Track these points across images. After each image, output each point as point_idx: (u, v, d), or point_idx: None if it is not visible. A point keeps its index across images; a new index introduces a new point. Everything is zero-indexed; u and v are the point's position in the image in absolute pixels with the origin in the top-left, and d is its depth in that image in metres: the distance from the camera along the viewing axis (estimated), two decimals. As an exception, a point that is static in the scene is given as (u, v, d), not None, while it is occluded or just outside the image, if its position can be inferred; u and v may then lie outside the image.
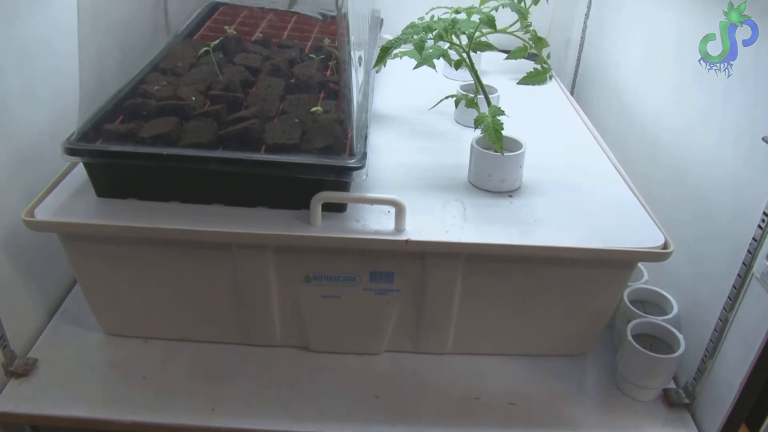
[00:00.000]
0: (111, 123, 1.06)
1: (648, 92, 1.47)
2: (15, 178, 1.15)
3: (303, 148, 1.01)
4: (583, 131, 1.41)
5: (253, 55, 1.28)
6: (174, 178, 1.04)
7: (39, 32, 1.20)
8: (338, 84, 1.14)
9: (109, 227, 1.01)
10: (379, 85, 1.52)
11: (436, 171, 1.19)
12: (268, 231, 1.00)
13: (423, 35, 1.09)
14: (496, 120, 1.07)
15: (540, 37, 1.56)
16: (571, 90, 1.91)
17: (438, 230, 1.02)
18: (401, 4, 1.73)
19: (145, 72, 1.22)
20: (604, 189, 1.18)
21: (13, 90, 1.13)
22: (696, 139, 1.24)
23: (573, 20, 1.91)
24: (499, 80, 1.54)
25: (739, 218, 1.07)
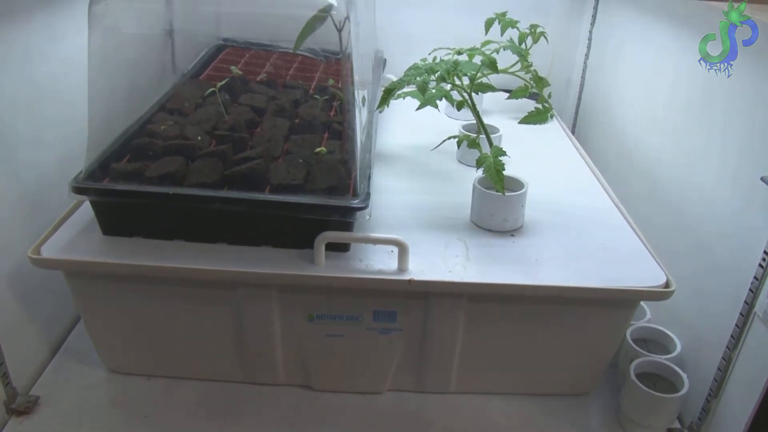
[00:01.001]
0: (118, 162, 1.08)
1: (648, 130, 1.49)
2: (22, 215, 1.16)
3: (307, 189, 1.02)
4: (584, 170, 1.42)
5: (258, 95, 1.30)
6: (179, 217, 1.05)
7: (50, 72, 1.22)
8: (342, 124, 1.16)
9: (115, 265, 1.02)
10: (382, 124, 1.54)
11: (439, 210, 1.20)
12: (272, 270, 1.01)
13: (426, 77, 1.11)
14: (498, 161, 1.08)
15: (541, 77, 1.59)
16: (572, 129, 1.93)
17: (441, 270, 1.03)
18: (404, 45, 1.76)
19: (152, 111, 1.23)
20: (606, 228, 1.19)
21: (22, 128, 1.15)
22: (695, 177, 1.25)
23: (573, 60, 1.93)
24: (500, 119, 1.57)
25: (740, 256, 1.08)
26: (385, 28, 1.81)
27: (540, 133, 1.57)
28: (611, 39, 1.74)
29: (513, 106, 1.64)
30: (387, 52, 1.78)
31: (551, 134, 1.60)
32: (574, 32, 1.91)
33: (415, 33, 1.82)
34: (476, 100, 1.26)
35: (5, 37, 1.10)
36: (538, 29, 1.57)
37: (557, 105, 1.81)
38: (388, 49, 1.80)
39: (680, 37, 1.35)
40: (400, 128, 1.55)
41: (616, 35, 1.71)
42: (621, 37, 1.68)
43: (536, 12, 1.65)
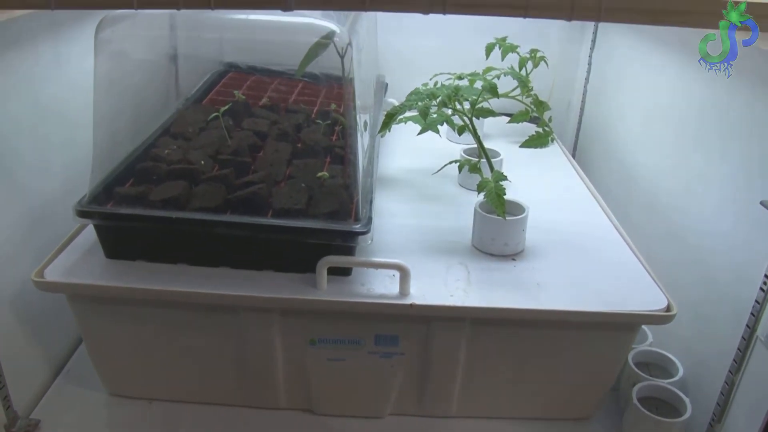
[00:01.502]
0: (122, 186, 1.08)
1: (648, 154, 1.50)
2: (26, 237, 1.17)
3: (309, 213, 1.03)
4: (584, 193, 1.43)
5: (261, 120, 1.31)
6: (182, 241, 1.06)
7: (55, 96, 1.23)
8: (344, 149, 1.17)
9: (118, 289, 1.03)
10: (384, 148, 1.55)
11: (440, 234, 1.20)
12: (274, 294, 1.01)
13: (427, 102, 1.12)
14: (499, 185, 1.09)
15: (541, 101, 1.60)
16: (573, 152, 1.94)
17: (442, 294, 1.03)
18: (405, 69, 1.78)
19: (155, 135, 1.25)
20: (607, 251, 1.19)
21: (27, 152, 1.16)
22: (695, 200, 1.26)
23: (574, 84, 1.95)
24: (501, 143, 1.58)
25: (741, 279, 1.08)
26: (386, 53, 1.83)
27: (541, 156, 1.58)
28: (611, 63, 1.76)
29: (514, 129, 1.65)
30: (389, 76, 1.80)
31: (552, 158, 1.61)
32: (574, 56, 1.92)
33: (417, 57, 1.84)
34: (477, 125, 1.27)
35: (13, 63, 1.11)
36: (538, 54, 1.58)
37: (558, 129, 1.82)
38: (390, 73, 1.81)
39: (679, 62, 1.36)
40: (401, 152, 1.56)
41: (616, 60, 1.72)
42: (620, 62, 1.70)
43: (536, 36, 1.66)
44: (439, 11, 0.76)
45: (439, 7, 0.76)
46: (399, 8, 0.78)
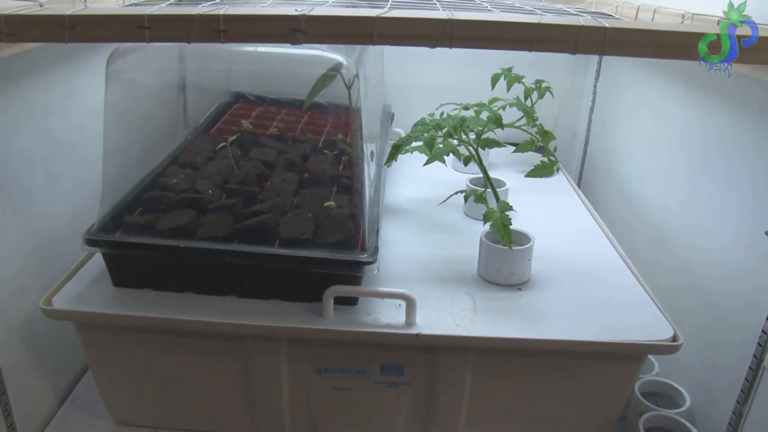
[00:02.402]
0: (130, 215, 1.10)
1: (653, 183, 1.51)
2: (35, 265, 1.18)
3: (316, 243, 1.03)
4: (590, 223, 1.43)
5: (268, 149, 1.32)
6: (189, 269, 1.06)
7: (66, 126, 1.25)
8: (351, 179, 1.18)
9: (125, 317, 1.03)
10: (390, 177, 1.56)
11: (446, 264, 1.21)
12: (281, 324, 1.01)
13: (433, 133, 1.14)
14: (505, 215, 1.10)
15: (546, 130, 1.61)
16: (578, 181, 1.94)
17: (448, 324, 1.03)
18: (412, 99, 1.79)
19: (164, 165, 1.26)
20: (613, 281, 1.19)
21: (38, 180, 1.18)
22: (701, 230, 1.26)
23: (578, 114, 1.96)
24: (507, 173, 1.58)
25: (747, 309, 1.08)
26: (393, 83, 1.85)
27: (546, 186, 1.58)
28: (615, 93, 1.77)
29: (519, 159, 1.65)
30: (395, 106, 1.81)
31: (557, 187, 1.62)
32: (578, 86, 1.94)
33: (423, 87, 1.86)
34: (483, 155, 1.28)
35: (26, 93, 1.13)
36: (543, 84, 1.60)
37: (563, 158, 1.83)
38: (396, 103, 1.83)
39: (684, 93, 1.37)
40: (407, 181, 1.57)
41: (620, 89, 1.74)
42: (625, 92, 1.71)
43: (541, 67, 1.67)
44: (445, 45, 0.78)
45: (445, 41, 0.77)
46: (406, 42, 0.79)
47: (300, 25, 0.76)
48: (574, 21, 0.81)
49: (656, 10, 1.29)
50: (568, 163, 1.96)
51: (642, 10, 1.35)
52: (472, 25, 0.78)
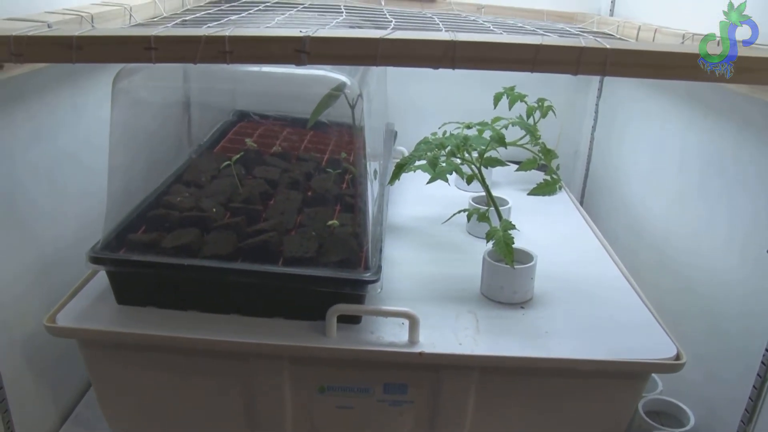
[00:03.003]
0: (134, 233, 1.10)
1: (655, 202, 1.51)
2: (39, 282, 1.18)
3: (320, 261, 1.04)
4: (593, 241, 1.44)
5: (272, 168, 1.33)
6: (193, 287, 1.07)
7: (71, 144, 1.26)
8: (354, 198, 1.18)
9: (128, 335, 1.03)
10: (393, 196, 1.56)
11: (449, 282, 1.21)
12: (284, 342, 1.02)
13: (436, 152, 1.14)
14: (507, 234, 1.10)
15: (549, 149, 1.62)
16: (581, 200, 1.95)
17: (451, 343, 1.03)
18: (415, 117, 1.81)
19: (168, 183, 1.27)
20: (615, 299, 1.19)
21: (43, 198, 1.19)
22: (703, 249, 1.27)
23: (581, 132, 1.97)
24: (510, 191, 1.59)
25: (750, 327, 1.08)
26: (396, 101, 1.86)
27: (549, 204, 1.59)
28: (617, 112, 1.78)
29: (522, 177, 1.66)
30: (398, 124, 1.82)
31: (560, 205, 1.62)
32: (581, 105, 1.95)
33: (426, 106, 1.87)
34: (485, 173, 1.29)
35: (33, 112, 1.14)
36: (545, 103, 1.61)
37: (565, 176, 1.83)
38: (400, 121, 1.84)
39: (685, 112, 1.38)
40: (410, 200, 1.57)
41: (622, 108, 1.75)
42: (627, 110, 1.72)
43: (543, 85, 1.68)
44: (448, 66, 0.79)
45: (448, 62, 0.78)
46: (409, 63, 0.80)
47: (304, 47, 0.77)
48: (575, 42, 0.82)
49: (657, 30, 1.30)
50: (570, 182, 1.97)
51: (643, 30, 1.37)
52: (475, 46, 0.79)
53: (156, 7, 1.35)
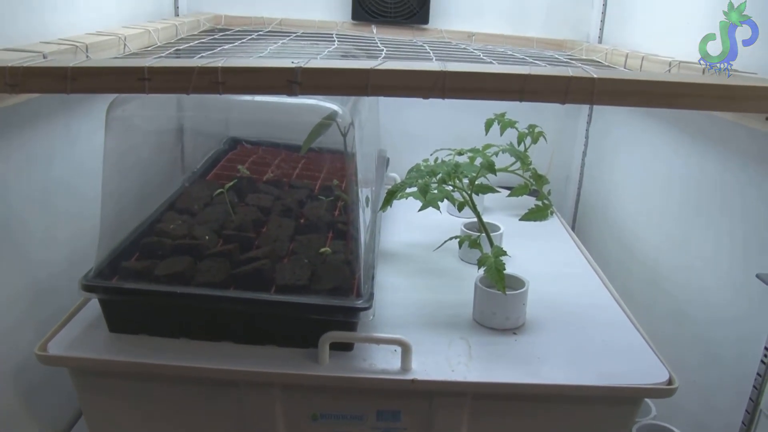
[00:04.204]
0: (127, 260, 1.10)
1: (645, 226, 1.52)
2: (31, 310, 1.18)
3: (312, 289, 1.04)
4: (584, 266, 1.44)
5: (265, 195, 1.34)
6: (186, 315, 1.07)
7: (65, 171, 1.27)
8: (346, 225, 1.19)
9: (120, 363, 1.03)
10: (385, 222, 1.57)
11: (441, 309, 1.21)
12: (276, 370, 1.01)
13: (427, 179, 1.15)
14: (499, 261, 1.11)
15: (540, 174, 1.63)
16: (572, 225, 1.96)
17: (444, 369, 1.03)
18: (407, 144, 1.82)
19: (161, 210, 1.27)
20: (607, 324, 1.20)
21: (36, 226, 1.19)
22: (694, 273, 1.27)
23: (572, 157, 1.99)
24: (501, 216, 1.60)
25: (742, 351, 1.09)
26: (388, 128, 1.87)
27: (541, 229, 1.60)
28: (607, 136, 1.80)
29: (514, 203, 1.67)
30: (390, 150, 1.84)
31: (552, 231, 1.63)
32: (571, 130, 1.97)
33: (418, 132, 1.89)
34: (477, 200, 1.30)
35: (27, 139, 1.15)
36: (536, 129, 1.63)
37: (557, 201, 1.85)
38: (391, 147, 1.85)
39: (675, 137, 1.40)
40: (402, 226, 1.58)
41: (613, 133, 1.77)
42: (616, 135, 1.74)
43: (534, 110, 1.70)
44: (438, 96, 0.80)
45: (438, 92, 0.79)
46: (400, 94, 0.81)
47: (296, 77, 0.78)
48: (563, 72, 0.83)
49: (644, 58, 1.32)
50: (562, 206, 1.98)
51: (631, 58, 1.39)
52: (464, 76, 0.80)
53: (150, 36, 1.36)
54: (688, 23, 1.31)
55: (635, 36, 1.61)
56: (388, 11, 1.81)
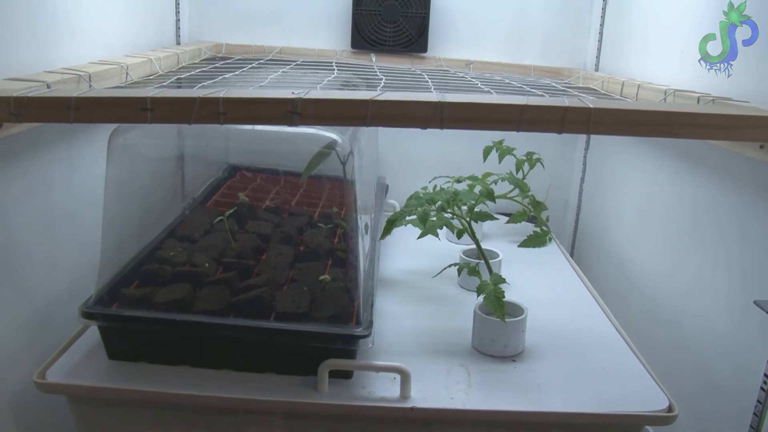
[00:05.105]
0: (127, 287, 1.11)
1: (644, 252, 1.53)
2: (31, 336, 1.18)
3: (311, 317, 1.04)
4: (583, 292, 1.45)
5: (264, 222, 1.34)
6: (185, 343, 1.07)
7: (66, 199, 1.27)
8: (346, 252, 1.19)
9: (119, 391, 1.03)
10: (384, 249, 1.57)
11: (441, 336, 1.21)
12: (276, 398, 1.01)
13: (426, 207, 1.16)
14: (498, 288, 1.11)
15: (538, 201, 1.64)
16: (571, 251, 1.96)
17: (443, 397, 1.03)
18: (405, 171, 1.83)
19: (161, 238, 1.28)
20: (606, 351, 1.20)
21: (36, 252, 1.19)
22: (692, 299, 1.28)
23: (570, 183, 1.99)
24: (500, 243, 1.61)
25: (741, 377, 1.09)
26: (387, 155, 1.89)
27: (539, 256, 1.60)
28: (605, 163, 1.81)
29: (512, 229, 1.68)
30: (389, 177, 1.85)
31: (550, 257, 1.64)
32: (569, 156, 1.98)
33: (417, 159, 1.90)
34: (476, 226, 1.31)
35: (29, 168, 1.15)
36: (534, 156, 1.64)
37: (556, 227, 1.85)
38: (391, 175, 1.86)
39: (672, 164, 1.41)
40: (402, 253, 1.58)
41: (610, 159, 1.78)
42: (614, 161, 1.75)
43: (532, 137, 1.70)
44: (436, 126, 0.81)
45: (436, 122, 0.80)
46: (399, 124, 0.82)
47: (296, 108, 0.79)
48: (559, 102, 0.84)
49: (640, 86, 1.34)
50: (560, 232, 1.99)
51: (627, 86, 1.40)
52: (462, 107, 0.81)
53: (152, 65, 1.38)
54: (683, 52, 1.32)
55: (631, 63, 1.63)
56: (387, 40, 1.83)
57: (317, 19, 1.88)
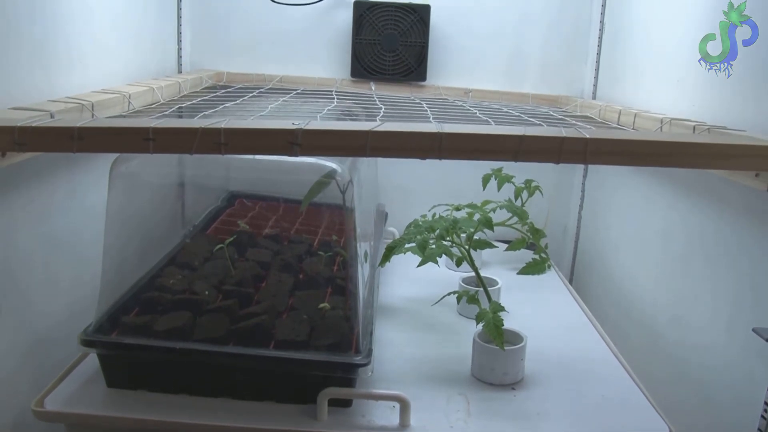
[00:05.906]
0: (127, 315, 1.11)
1: (642, 279, 1.53)
2: (30, 364, 1.18)
3: (311, 345, 1.05)
4: (582, 320, 1.45)
5: (264, 250, 1.35)
6: (184, 371, 1.07)
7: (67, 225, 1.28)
8: (345, 280, 1.20)
9: (118, 419, 1.03)
10: (384, 277, 1.58)
11: (440, 364, 1.21)
12: (275, 426, 1.01)
13: (425, 235, 1.17)
14: (497, 316, 1.11)
15: (537, 228, 1.64)
16: (570, 277, 1.97)
17: (442, 426, 1.03)
18: (405, 199, 1.84)
19: (161, 265, 1.28)
20: (606, 379, 1.20)
21: (37, 279, 1.20)
22: (691, 326, 1.28)
23: (568, 211, 2.00)
24: (499, 270, 1.61)
25: (742, 406, 1.09)
26: (386, 183, 1.90)
27: (538, 283, 1.60)
28: (603, 191, 1.82)
29: (511, 256, 1.68)
30: (389, 205, 1.85)
31: (549, 284, 1.64)
32: (567, 184, 1.99)
33: (416, 187, 1.91)
34: (475, 255, 1.31)
35: (32, 195, 1.16)
36: (532, 183, 1.64)
37: (555, 254, 1.86)
38: (390, 202, 1.87)
39: (669, 191, 1.42)
40: (401, 280, 1.59)
41: (608, 187, 1.79)
42: (613, 188, 1.76)
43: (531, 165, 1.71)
44: (435, 157, 0.82)
45: (435, 153, 0.81)
46: (398, 155, 0.83)
47: (297, 139, 0.80)
48: (556, 132, 0.85)
49: (637, 114, 1.35)
50: (559, 260, 1.99)
51: (624, 114, 1.42)
52: (461, 138, 0.82)
53: (154, 93, 1.39)
54: (679, 81, 1.34)
55: (626, 91, 1.64)
56: (387, 69, 1.85)
57: (317, 47, 1.90)
